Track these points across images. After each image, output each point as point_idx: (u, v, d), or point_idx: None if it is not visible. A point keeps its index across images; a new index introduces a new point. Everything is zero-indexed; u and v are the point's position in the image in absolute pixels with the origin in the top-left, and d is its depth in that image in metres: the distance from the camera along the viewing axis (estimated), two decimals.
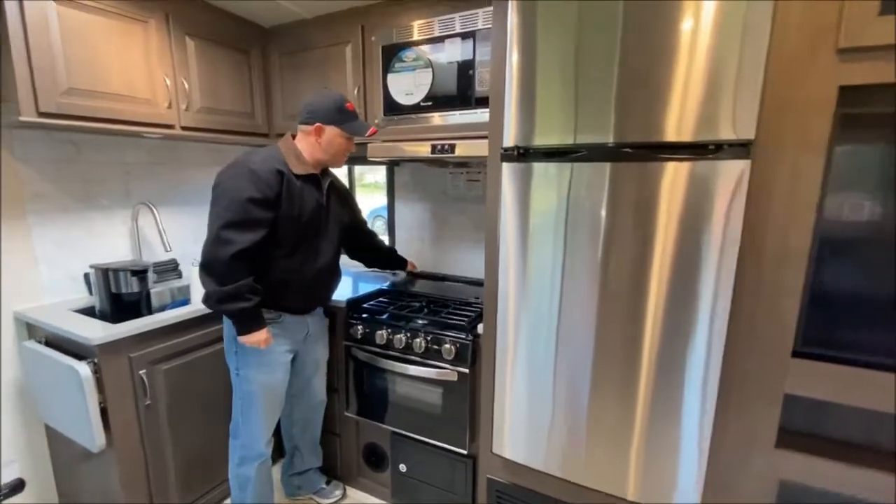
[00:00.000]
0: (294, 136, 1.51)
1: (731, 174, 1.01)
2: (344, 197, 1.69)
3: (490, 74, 1.35)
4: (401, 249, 2.32)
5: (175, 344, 1.59)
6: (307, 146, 1.48)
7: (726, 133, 1.01)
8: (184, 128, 1.75)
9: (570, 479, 1.31)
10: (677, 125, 1.04)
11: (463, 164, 2.05)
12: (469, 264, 2.14)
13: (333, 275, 1.64)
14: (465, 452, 1.58)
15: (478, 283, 2.01)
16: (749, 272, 1.06)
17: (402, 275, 2.04)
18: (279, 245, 1.44)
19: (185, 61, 1.73)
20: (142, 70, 1.60)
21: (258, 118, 2.04)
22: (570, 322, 1.24)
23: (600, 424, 1.25)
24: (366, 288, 1.99)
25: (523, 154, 1.24)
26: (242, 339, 1.41)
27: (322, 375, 1.75)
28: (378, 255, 1.99)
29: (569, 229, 1.21)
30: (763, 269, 1.05)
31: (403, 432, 1.69)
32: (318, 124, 1.44)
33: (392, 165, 2.25)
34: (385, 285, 2.01)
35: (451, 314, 1.66)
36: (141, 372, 1.48)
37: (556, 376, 1.28)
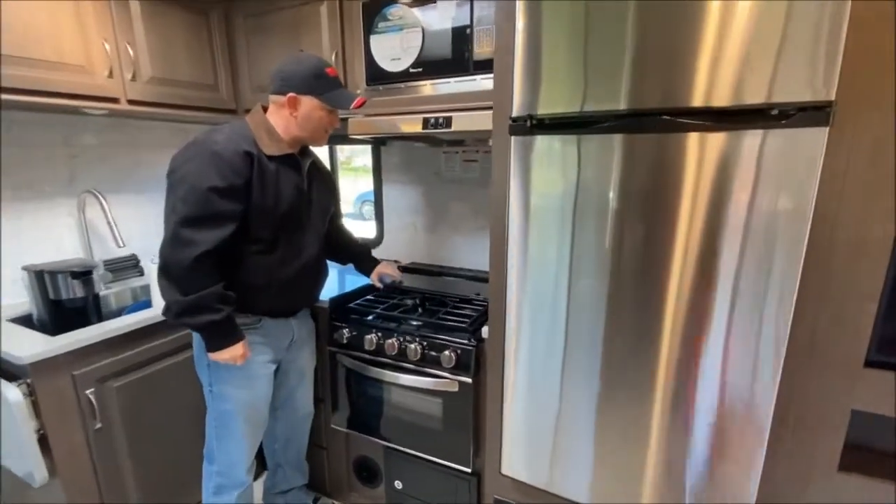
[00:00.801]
0: (266, 109, 1.27)
1: (803, 146, 0.81)
2: (328, 181, 1.46)
3: (494, 29, 1.13)
4: (392, 238, 2.11)
5: (131, 356, 1.37)
6: (281, 121, 1.24)
7: (797, 93, 0.79)
8: (132, 101, 1.50)
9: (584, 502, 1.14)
10: (725, 85, 0.82)
11: (457, 142, 1.82)
12: (467, 255, 1.93)
13: (320, 271, 1.42)
14: (468, 470, 1.40)
15: (478, 278, 1.80)
16: (815, 270, 0.86)
17: (393, 277, 1.65)
18: (254, 240, 1.21)
19: (128, 22, 1.46)
20: (73, 31, 1.33)
21: (223, 91, 1.78)
22: (580, 327, 1.06)
23: (615, 442, 1.07)
24: (352, 284, 1.78)
25: (536, 125, 1.01)
26: (213, 356, 1.20)
27: (308, 385, 1.55)
28: (348, 256, 1.65)
29: (580, 215, 1.00)
30: (832, 265, 0.85)
31: (398, 447, 1.51)
32: (291, 94, 1.20)
33: (378, 145, 2.01)
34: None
35: (450, 314, 1.45)
36: (88, 392, 1.26)
37: (563, 387, 1.10)
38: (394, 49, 1.47)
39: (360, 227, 3.29)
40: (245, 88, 1.80)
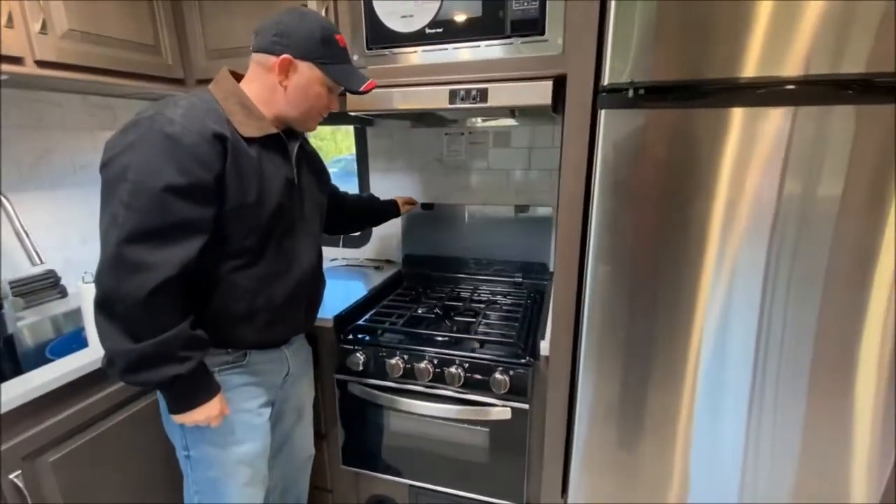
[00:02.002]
0: (238, 77, 0.94)
1: None
2: (319, 166, 1.15)
3: None
4: (382, 235, 1.82)
5: (69, 417, 0.99)
6: (262, 90, 0.92)
7: None
8: (41, 63, 1.07)
9: None
10: None
11: (452, 121, 1.56)
12: (477, 251, 1.70)
13: (318, 286, 1.12)
14: None
15: (499, 273, 1.59)
16: None
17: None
18: (231, 254, 0.89)
19: None
20: None
21: (166, 54, 1.37)
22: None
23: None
24: (344, 290, 1.48)
25: (639, 95, 0.81)
26: (180, 418, 0.88)
27: (308, 423, 1.25)
28: (367, 215, 1.46)
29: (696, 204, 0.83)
30: None
31: (427, 485, 1.27)
32: (286, 55, 0.88)
33: (364, 125, 1.70)
34: (366, 290, 1.49)
35: (487, 324, 1.23)
36: (13, 476, 0.89)
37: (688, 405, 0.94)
38: (405, 5, 1.18)
39: None
40: (197, 52, 1.40)
